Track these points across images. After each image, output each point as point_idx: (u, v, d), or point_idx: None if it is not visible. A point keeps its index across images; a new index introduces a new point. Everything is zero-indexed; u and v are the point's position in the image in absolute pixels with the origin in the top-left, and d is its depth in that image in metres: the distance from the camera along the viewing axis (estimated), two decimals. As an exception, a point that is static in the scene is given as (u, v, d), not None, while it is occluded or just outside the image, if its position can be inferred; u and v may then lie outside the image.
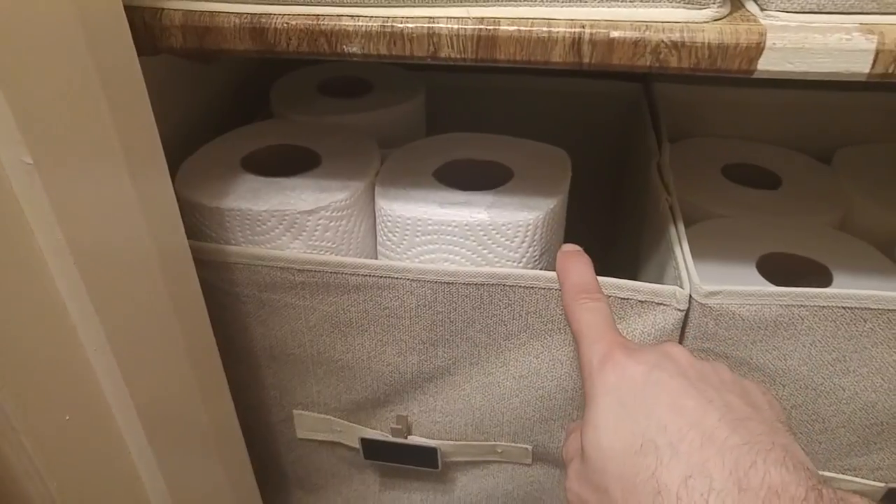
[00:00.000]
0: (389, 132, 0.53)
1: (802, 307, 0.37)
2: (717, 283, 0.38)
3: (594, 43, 0.30)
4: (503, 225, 0.41)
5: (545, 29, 0.30)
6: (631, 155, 0.61)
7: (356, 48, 0.32)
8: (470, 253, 0.42)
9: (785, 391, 0.41)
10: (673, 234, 0.43)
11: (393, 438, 0.47)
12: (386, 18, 0.31)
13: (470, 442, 0.47)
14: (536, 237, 0.42)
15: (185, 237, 0.36)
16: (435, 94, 0.60)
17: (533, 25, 0.30)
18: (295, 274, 0.41)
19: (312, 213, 0.42)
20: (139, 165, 0.31)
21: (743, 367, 0.40)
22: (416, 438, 0.47)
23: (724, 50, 0.29)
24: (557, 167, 0.46)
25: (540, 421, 0.45)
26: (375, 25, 0.31)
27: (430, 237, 0.42)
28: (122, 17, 0.29)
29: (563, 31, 0.30)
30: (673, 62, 0.29)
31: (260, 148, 0.48)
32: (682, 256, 0.40)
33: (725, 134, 0.59)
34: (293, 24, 0.32)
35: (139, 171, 0.31)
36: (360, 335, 0.43)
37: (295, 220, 0.42)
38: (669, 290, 0.38)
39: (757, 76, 0.29)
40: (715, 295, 0.38)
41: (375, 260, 0.40)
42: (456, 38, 0.31)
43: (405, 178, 0.45)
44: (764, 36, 0.28)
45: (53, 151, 0.26)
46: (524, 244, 0.42)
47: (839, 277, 0.43)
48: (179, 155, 0.46)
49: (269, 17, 0.32)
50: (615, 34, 0.29)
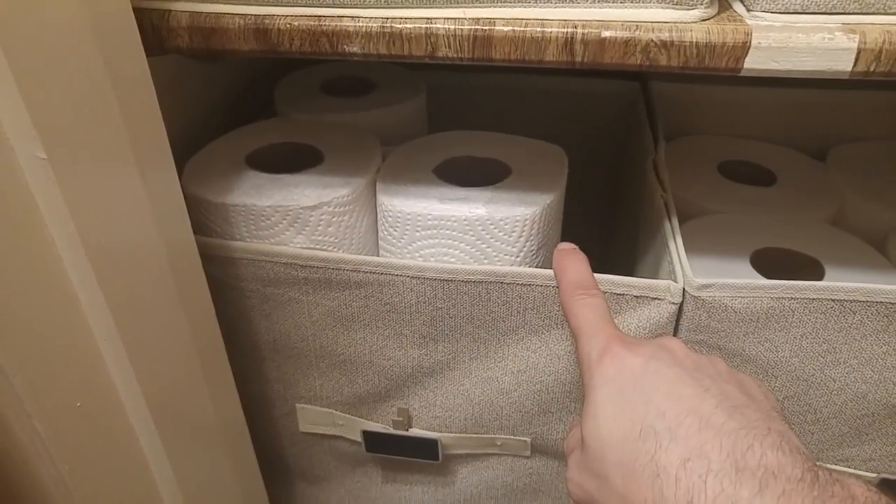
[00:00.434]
0: (391, 130, 0.54)
1: (793, 300, 0.38)
2: (711, 277, 0.38)
3: (586, 42, 0.30)
4: (501, 220, 0.41)
5: (539, 29, 0.31)
6: (628, 152, 0.61)
7: (356, 48, 0.32)
8: (469, 247, 0.43)
9: (777, 382, 0.41)
10: (667, 228, 0.43)
11: (394, 431, 0.48)
12: (385, 19, 0.32)
13: (470, 435, 0.47)
14: (534, 232, 0.42)
15: (191, 232, 0.37)
16: (435, 93, 0.60)
17: (527, 26, 0.31)
18: (298, 270, 0.42)
19: (315, 208, 0.43)
20: (148, 162, 0.32)
21: (736, 358, 0.40)
22: (416, 431, 0.48)
23: (711, 49, 0.29)
24: (554, 164, 0.46)
25: (538, 414, 0.45)
26: (375, 26, 0.32)
27: (430, 232, 0.43)
28: (131, 18, 0.30)
29: (556, 31, 0.30)
30: (662, 61, 0.30)
31: (264, 145, 0.48)
32: (675, 250, 0.41)
33: (722, 132, 0.60)
34: (296, 24, 0.32)
35: (148, 167, 0.32)
36: (361, 330, 0.44)
37: (298, 215, 0.42)
38: (664, 284, 0.38)
39: (744, 74, 0.30)
40: (707, 288, 0.38)
41: (376, 257, 0.41)
42: (453, 38, 0.31)
43: (406, 174, 0.45)
44: (750, 35, 0.29)
45: (66, 147, 0.26)
46: (521, 239, 0.42)
47: (831, 271, 0.44)
48: (186, 152, 0.46)
49: (272, 18, 0.33)
50: (606, 34, 0.30)
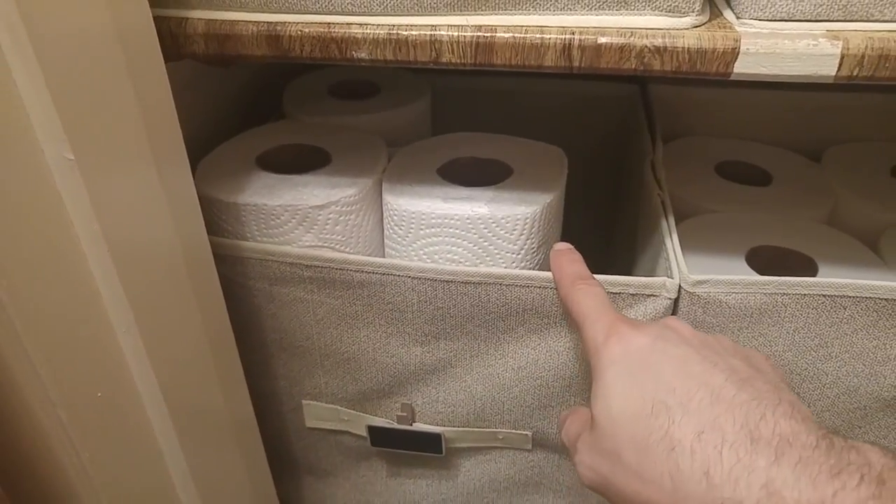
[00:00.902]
0: (396, 132, 0.55)
1: (785, 295, 0.39)
2: (707, 274, 0.39)
3: (583, 48, 0.31)
4: (502, 218, 0.43)
5: (538, 35, 0.32)
6: (628, 153, 0.62)
7: (364, 54, 0.33)
8: (472, 245, 0.44)
9: (770, 376, 0.42)
10: (664, 227, 0.44)
11: (398, 426, 0.48)
12: (392, 26, 0.33)
13: (472, 429, 0.48)
14: (534, 230, 0.44)
15: (205, 230, 0.38)
16: (439, 95, 0.61)
17: (527, 32, 0.32)
18: (303, 269, 0.43)
19: (323, 207, 0.44)
20: (165, 162, 0.33)
21: (730, 353, 0.42)
22: (420, 425, 0.48)
23: (702, 54, 0.30)
24: (554, 165, 0.47)
25: (539, 408, 0.46)
26: (382, 33, 0.33)
27: (433, 230, 0.44)
28: (151, 26, 0.31)
29: (554, 37, 0.32)
30: (656, 65, 0.31)
31: (274, 147, 0.50)
32: (671, 247, 0.42)
33: (719, 133, 0.60)
34: (306, 31, 0.34)
35: (165, 167, 0.33)
36: (365, 328, 0.45)
37: (307, 214, 0.44)
38: (659, 281, 0.39)
39: (734, 78, 0.31)
40: (702, 284, 0.39)
41: (379, 258, 0.42)
42: (456, 44, 0.32)
43: (411, 174, 0.46)
44: (739, 42, 0.30)
45: (92, 149, 0.27)
46: (522, 237, 0.43)
47: (824, 269, 0.45)
48: (199, 153, 0.47)
49: (284, 25, 0.34)
50: (603, 40, 0.31)
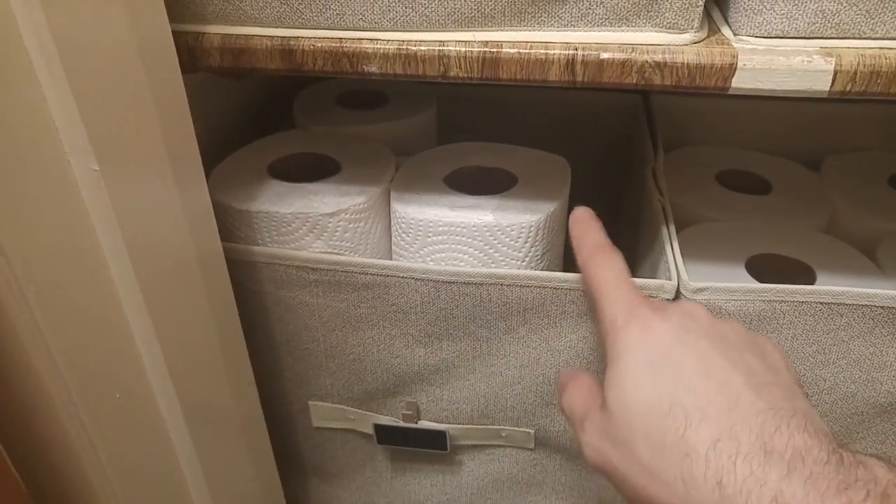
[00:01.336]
0: (404, 141, 0.55)
1: (783, 303, 0.40)
2: (707, 281, 0.40)
3: (586, 63, 0.32)
4: (507, 226, 0.44)
5: (542, 51, 0.33)
6: (630, 163, 0.63)
7: (375, 68, 0.34)
8: (477, 252, 0.45)
9: (769, 381, 0.43)
10: (665, 234, 0.45)
11: (404, 424, 0.49)
12: (401, 42, 0.34)
13: (476, 426, 0.49)
14: (538, 238, 0.45)
15: (218, 237, 0.39)
16: (446, 105, 0.62)
17: (532, 48, 0.33)
18: (309, 273, 0.43)
19: (333, 215, 0.45)
20: (181, 172, 0.34)
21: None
22: (425, 423, 0.49)
23: (701, 69, 0.31)
24: (558, 174, 0.48)
25: (541, 406, 0.47)
26: (392, 48, 0.34)
27: (440, 238, 0.45)
28: (170, 41, 0.32)
29: (558, 53, 0.33)
30: (657, 80, 0.32)
31: (285, 156, 0.50)
32: (671, 255, 0.43)
33: (720, 143, 0.61)
34: (319, 46, 0.34)
35: (182, 176, 0.34)
36: (370, 329, 0.45)
37: (317, 221, 0.45)
38: (657, 282, 0.40)
39: (732, 93, 0.32)
40: (702, 291, 0.40)
41: (382, 260, 0.42)
42: (463, 59, 0.33)
43: (418, 183, 0.47)
44: (736, 58, 0.31)
45: (115, 159, 0.29)
46: (527, 244, 0.44)
47: (822, 277, 0.46)
48: (212, 162, 0.48)
49: (297, 39, 0.35)
50: (605, 55, 0.32)
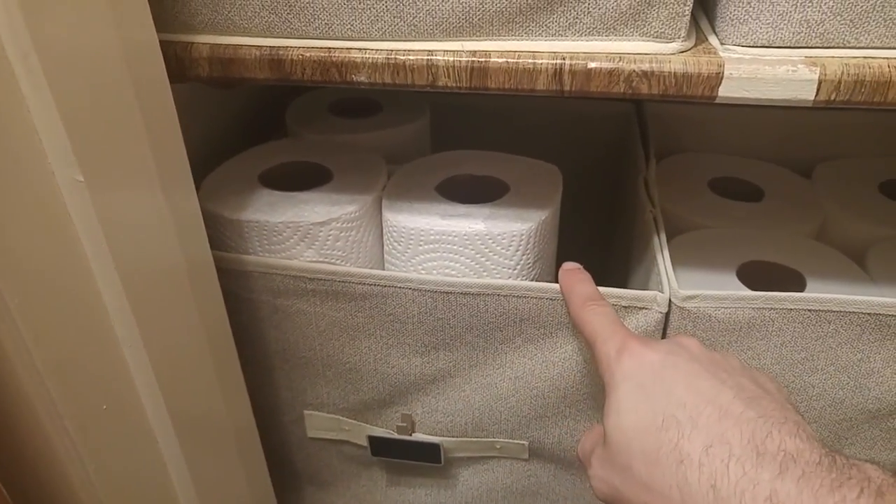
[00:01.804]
0: (395, 149, 0.56)
1: (772, 310, 0.40)
2: (698, 289, 0.40)
3: (574, 73, 0.32)
4: (499, 235, 0.44)
5: (530, 61, 0.33)
6: (623, 170, 0.63)
7: (363, 77, 0.34)
8: (469, 261, 0.45)
9: (760, 389, 0.43)
10: (656, 243, 0.45)
11: (398, 436, 0.49)
12: (390, 51, 0.34)
13: (470, 438, 0.49)
14: (530, 246, 0.45)
15: (208, 247, 0.39)
16: (438, 113, 0.62)
17: (520, 58, 0.33)
18: (306, 282, 0.44)
19: (324, 224, 0.45)
20: (170, 182, 0.34)
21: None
22: (420, 435, 0.49)
23: (688, 78, 0.31)
24: (550, 182, 0.48)
25: (535, 418, 0.47)
26: (381, 57, 0.34)
27: (432, 246, 0.45)
28: (157, 51, 0.32)
29: (546, 62, 0.33)
30: (644, 89, 0.32)
31: (276, 164, 0.51)
32: (663, 263, 0.43)
33: (713, 150, 0.61)
34: (307, 55, 0.35)
35: (170, 186, 0.34)
36: (366, 339, 0.46)
37: (308, 230, 0.45)
38: (650, 294, 0.41)
39: (719, 101, 0.32)
40: (692, 299, 0.40)
41: (380, 270, 0.43)
42: (452, 68, 0.33)
43: (410, 192, 0.47)
44: (723, 67, 0.31)
45: (101, 170, 0.29)
46: (518, 253, 0.44)
47: (812, 284, 0.46)
48: (202, 171, 0.48)
49: (286, 49, 0.35)
50: (592, 65, 0.32)
